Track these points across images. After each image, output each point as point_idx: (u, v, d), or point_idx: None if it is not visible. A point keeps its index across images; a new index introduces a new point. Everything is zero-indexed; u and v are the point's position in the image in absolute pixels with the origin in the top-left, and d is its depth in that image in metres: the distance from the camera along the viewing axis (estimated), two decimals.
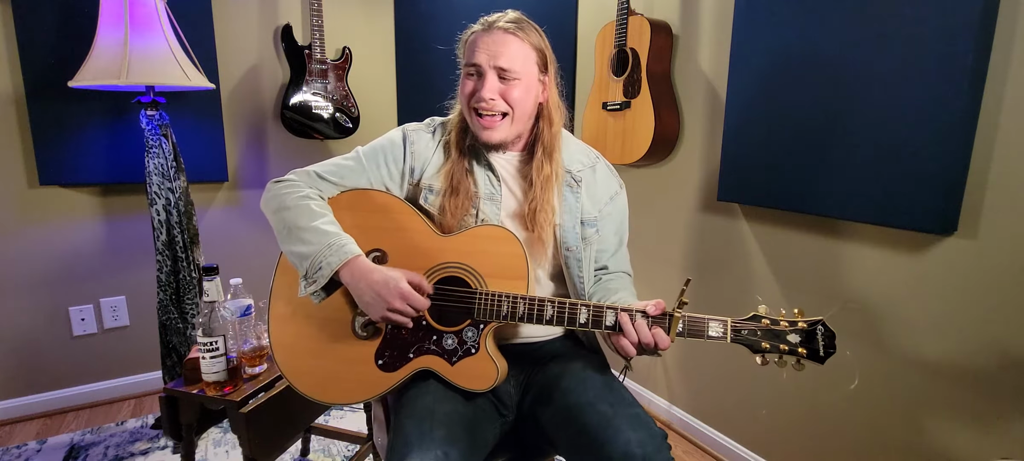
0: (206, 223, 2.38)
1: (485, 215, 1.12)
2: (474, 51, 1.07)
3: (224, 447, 1.98)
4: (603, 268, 1.21)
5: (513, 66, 1.05)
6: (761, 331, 0.97)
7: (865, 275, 1.50)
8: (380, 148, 1.16)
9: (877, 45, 1.35)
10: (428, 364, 1.06)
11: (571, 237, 1.13)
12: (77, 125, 2.06)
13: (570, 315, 1.00)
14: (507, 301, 1.01)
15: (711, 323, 0.98)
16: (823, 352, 0.94)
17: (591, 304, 1.00)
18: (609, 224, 1.19)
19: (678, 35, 2.00)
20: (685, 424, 2.11)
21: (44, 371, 2.21)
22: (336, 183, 1.14)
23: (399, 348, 1.07)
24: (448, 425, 0.96)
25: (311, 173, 1.14)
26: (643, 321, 0.98)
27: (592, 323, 1.00)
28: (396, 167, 1.15)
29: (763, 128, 1.64)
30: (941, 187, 1.27)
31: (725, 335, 0.97)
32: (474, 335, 1.04)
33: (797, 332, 0.95)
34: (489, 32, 1.07)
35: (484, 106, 1.07)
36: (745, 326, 0.97)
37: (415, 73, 2.62)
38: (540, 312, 1.01)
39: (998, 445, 1.28)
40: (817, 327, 0.94)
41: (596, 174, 1.19)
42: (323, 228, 1.05)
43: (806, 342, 0.95)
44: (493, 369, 1.03)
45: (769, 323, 0.96)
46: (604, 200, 1.19)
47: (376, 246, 1.10)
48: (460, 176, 1.11)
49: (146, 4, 1.73)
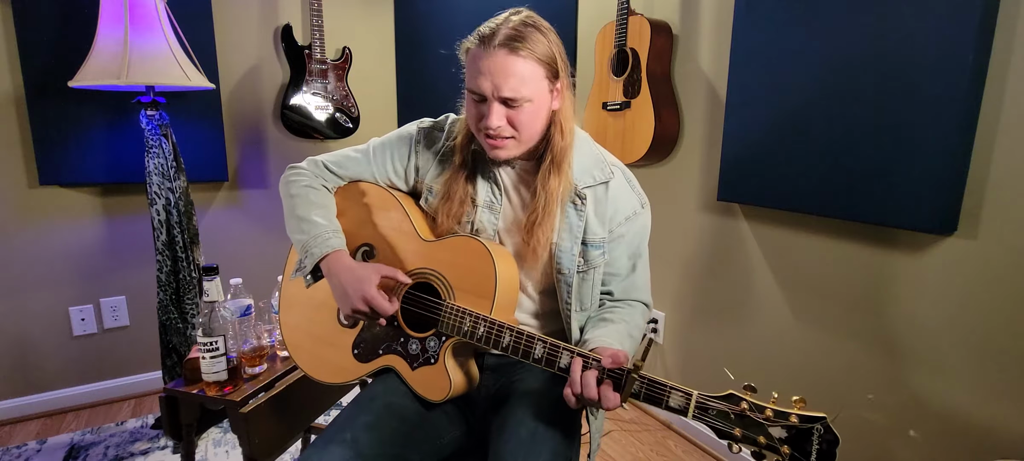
0: (206, 223, 2.38)
1: (481, 224, 1.09)
2: (476, 76, 0.95)
3: (224, 447, 1.98)
4: (608, 293, 1.12)
5: (519, 92, 0.94)
6: (735, 415, 0.78)
7: (865, 275, 1.50)
8: (391, 142, 1.17)
9: (877, 45, 1.35)
10: (392, 363, 1.08)
11: (566, 259, 1.05)
12: (77, 125, 2.06)
13: (525, 349, 0.94)
14: (469, 318, 0.98)
15: (674, 392, 0.82)
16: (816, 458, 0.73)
17: (549, 340, 0.92)
18: (621, 246, 1.08)
19: (678, 35, 2.00)
20: (685, 423, 2.11)
21: (44, 371, 2.21)
22: (340, 174, 1.18)
23: (371, 342, 1.11)
24: (377, 413, 0.99)
25: (319, 163, 1.18)
26: (592, 376, 0.86)
27: (545, 361, 0.92)
28: (401, 163, 1.16)
29: (763, 128, 1.64)
30: (941, 187, 1.27)
31: (687, 410, 0.81)
32: (436, 345, 1.04)
33: (785, 427, 0.75)
34: (489, 53, 0.93)
35: (492, 135, 0.98)
36: (715, 405, 0.80)
37: (415, 73, 2.62)
38: (497, 338, 0.96)
39: (998, 445, 1.28)
40: (815, 427, 0.74)
41: (610, 191, 1.06)
42: (315, 219, 1.09)
43: (795, 441, 0.75)
44: (446, 383, 1.02)
45: (748, 408, 0.78)
46: (619, 220, 1.07)
47: (367, 241, 1.14)
48: (456, 184, 1.08)
49: (146, 4, 1.73)
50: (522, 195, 1.10)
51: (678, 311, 2.12)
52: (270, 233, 2.53)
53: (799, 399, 0.77)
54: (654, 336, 2.22)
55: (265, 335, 1.43)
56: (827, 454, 0.73)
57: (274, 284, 1.51)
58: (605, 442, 2.07)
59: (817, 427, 0.74)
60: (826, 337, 1.61)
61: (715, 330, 1.98)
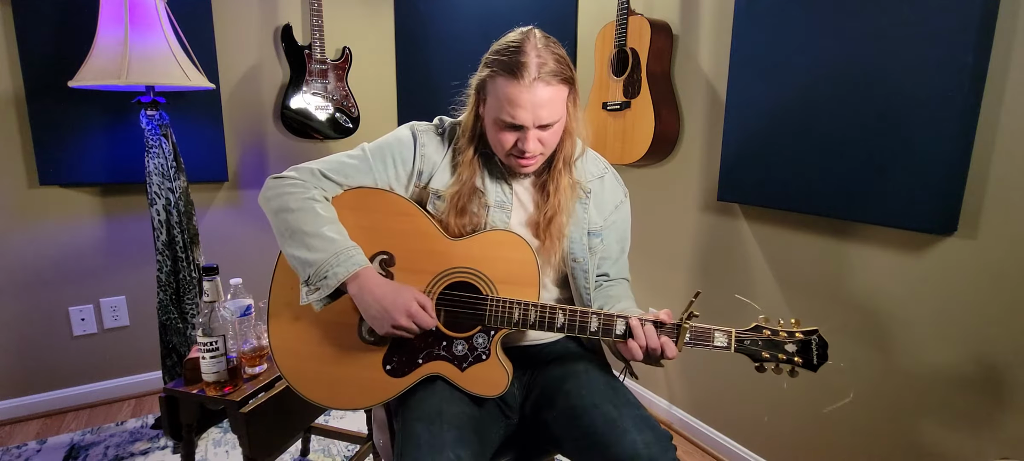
0: (206, 223, 2.38)
1: (494, 223, 1.10)
2: (515, 109, 0.98)
3: (224, 447, 1.98)
4: (604, 275, 1.21)
5: (554, 116, 1.02)
6: (762, 341, 1.00)
7: (865, 275, 1.50)
8: (388, 147, 1.11)
9: (877, 45, 1.35)
10: (438, 370, 1.05)
11: (578, 248, 1.13)
12: (77, 125, 2.06)
13: (582, 323, 1.01)
14: (519, 308, 1.01)
15: (716, 333, 1.01)
16: (816, 360, 0.99)
17: (602, 313, 1.01)
18: (613, 233, 1.20)
19: (678, 35, 2.00)
20: (686, 424, 2.11)
21: (44, 371, 2.21)
22: (340, 182, 1.09)
23: (408, 354, 1.05)
24: (458, 427, 0.96)
25: (315, 171, 1.08)
26: (652, 328, 1.00)
27: (602, 332, 1.01)
28: (404, 168, 1.11)
29: (763, 128, 1.64)
30: (941, 187, 1.27)
31: (729, 345, 1.00)
32: (485, 341, 1.04)
33: (794, 341, 1.00)
34: (527, 87, 0.96)
35: (526, 157, 1.04)
36: (748, 336, 1.01)
37: (415, 73, 2.62)
38: (552, 320, 1.01)
39: (998, 445, 1.28)
40: (813, 337, 0.99)
41: (604, 184, 1.19)
42: (330, 235, 1.01)
43: (801, 351, 0.99)
44: (504, 375, 1.03)
45: (770, 333, 1.00)
46: (609, 209, 1.19)
47: (383, 248, 1.07)
48: (468, 194, 1.08)
49: (146, 4, 1.73)
50: (532, 194, 1.15)
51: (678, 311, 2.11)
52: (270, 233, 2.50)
53: (795, 320, 1.01)
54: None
55: (265, 335, 1.43)
56: (822, 354, 0.99)
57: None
58: None
59: (814, 338, 0.99)
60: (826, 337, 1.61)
61: None
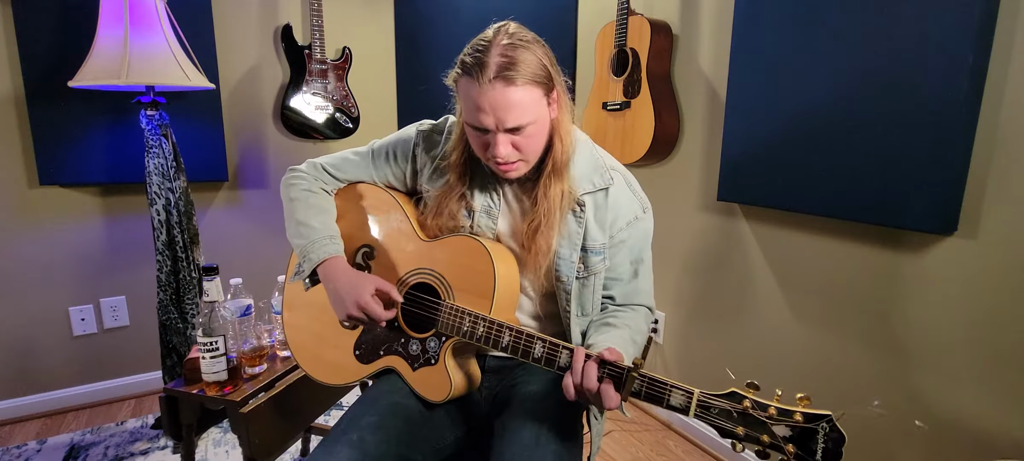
0: (206, 223, 2.38)
1: (479, 229, 1.09)
2: (475, 112, 0.92)
3: (224, 447, 1.98)
4: (609, 298, 1.10)
5: (523, 120, 0.92)
6: (738, 414, 0.77)
7: (865, 275, 1.50)
8: (391, 145, 1.16)
9: (877, 45, 1.35)
10: (393, 364, 1.09)
11: (565, 267, 1.04)
12: (77, 125, 2.06)
13: (525, 348, 0.93)
14: (468, 319, 0.98)
15: (675, 391, 0.81)
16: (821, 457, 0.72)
17: (549, 339, 0.92)
18: (623, 251, 1.08)
19: (678, 35, 2.00)
20: (685, 423, 2.11)
21: (44, 371, 2.21)
22: (338, 177, 1.18)
23: (373, 343, 1.12)
24: (382, 414, 0.99)
25: (318, 165, 1.18)
26: (594, 367, 0.86)
27: (545, 360, 0.92)
28: (400, 167, 1.16)
29: (763, 128, 1.64)
30: (941, 187, 1.27)
31: (688, 409, 0.80)
32: (436, 345, 1.04)
33: (790, 426, 0.74)
34: (484, 88, 0.90)
35: (501, 164, 0.97)
36: (718, 403, 0.79)
37: (415, 73, 2.62)
38: (496, 338, 0.95)
39: (998, 445, 1.28)
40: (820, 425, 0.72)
41: (610, 197, 1.05)
42: (312, 223, 1.10)
43: (799, 440, 0.73)
44: (447, 383, 1.02)
45: (751, 406, 0.76)
46: (619, 225, 1.06)
47: (367, 242, 1.15)
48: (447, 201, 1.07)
49: (146, 4, 1.73)
50: (522, 202, 1.08)
51: (678, 311, 2.12)
52: (270, 233, 2.53)
53: (804, 397, 0.74)
54: (654, 335, 2.22)
55: (265, 335, 1.43)
56: (833, 453, 0.71)
57: (274, 284, 1.51)
58: (605, 442, 2.07)
59: (822, 425, 0.72)
60: (826, 337, 1.61)
61: (715, 330, 1.98)
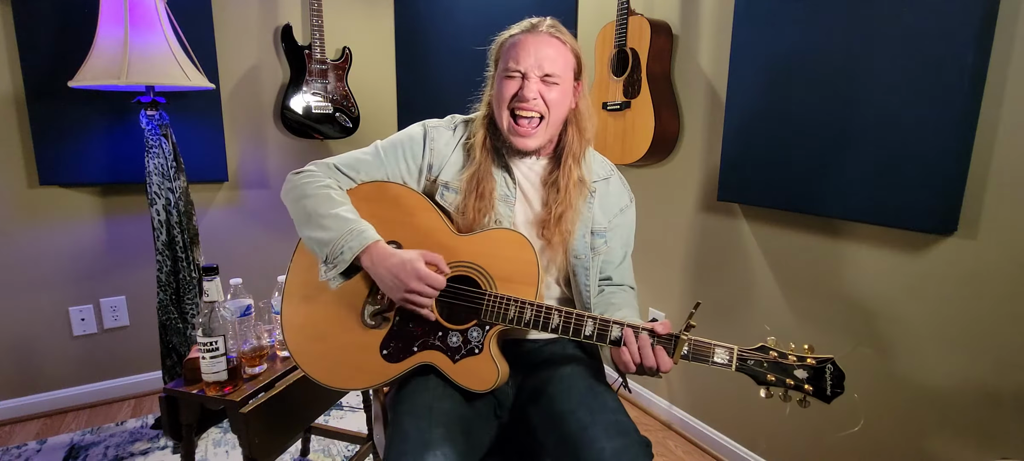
0: (206, 223, 2.38)
1: (499, 216, 1.12)
2: (519, 54, 1.07)
3: (224, 447, 1.98)
4: (607, 279, 1.21)
5: (556, 70, 1.07)
6: (768, 363, 0.93)
7: (865, 275, 1.50)
8: (399, 142, 1.18)
9: (877, 45, 1.35)
10: (431, 359, 1.06)
11: (581, 245, 1.14)
12: (77, 125, 2.06)
13: (576, 326, 1.00)
14: (515, 305, 1.02)
15: (717, 349, 0.94)
16: (830, 391, 0.91)
17: (598, 317, 0.99)
18: (617, 236, 1.20)
19: (678, 35, 2.00)
20: (685, 424, 2.11)
21: (44, 371, 2.21)
22: (352, 177, 1.16)
23: (404, 340, 1.08)
24: (446, 424, 0.96)
25: (330, 165, 1.16)
26: (647, 339, 0.96)
27: (597, 336, 0.99)
28: (414, 162, 1.17)
29: (763, 128, 1.64)
30: (941, 187, 1.27)
31: (730, 363, 0.94)
32: (479, 335, 1.05)
33: (805, 368, 0.92)
34: (535, 35, 1.08)
35: (526, 107, 1.08)
36: (752, 356, 0.94)
37: (415, 73, 2.62)
38: (546, 320, 1.01)
39: (998, 445, 1.28)
40: (826, 365, 0.91)
41: (610, 186, 1.21)
42: (343, 215, 1.07)
43: (813, 380, 0.91)
44: (494, 371, 1.03)
45: (777, 356, 0.93)
46: (615, 211, 1.20)
47: (393, 238, 1.12)
48: (485, 179, 1.12)
49: (146, 4, 1.73)
50: (540, 192, 1.17)
51: (678, 311, 2.12)
52: (270, 233, 2.53)
53: (808, 346, 0.93)
54: None
55: (265, 335, 1.43)
56: (837, 386, 0.90)
57: (274, 284, 1.51)
58: None
59: (828, 366, 0.91)
60: (826, 337, 1.61)
61: (715, 330, 1.98)
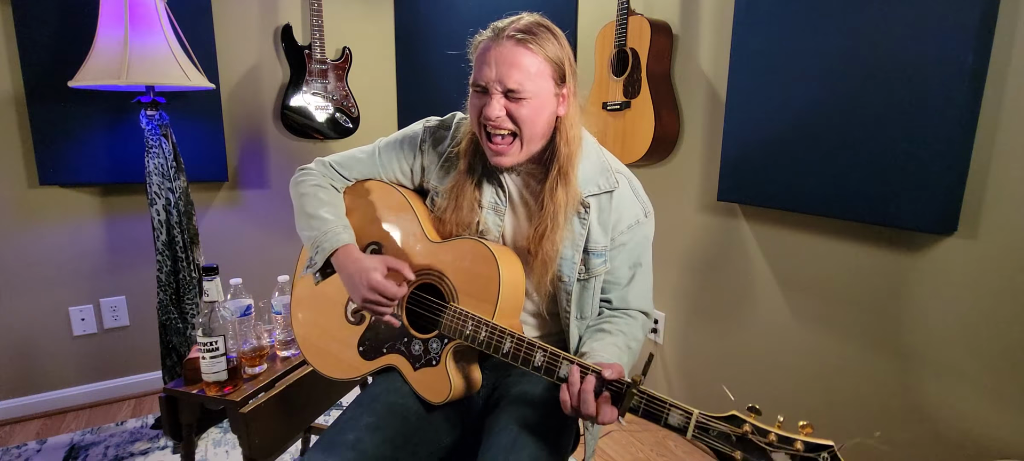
0: (206, 223, 2.38)
1: (486, 226, 1.09)
2: (481, 66, 0.97)
3: (224, 447, 1.98)
4: (606, 301, 1.11)
5: (522, 86, 0.94)
6: (737, 438, 0.74)
7: (865, 275, 1.50)
8: (397, 143, 1.18)
9: (877, 45, 1.35)
10: (395, 362, 1.09)
11: (567, 267, 1.04)
12: (77, 125, 2.06)
13: (525, 356, 0.93)
14: (471, 322, 0.98)
15: (673, 410, 0.78)
16: None
17: (549, 349, 0.91)
18: (622, 255, 1.08)
19: (678, 35, 2.00)
20: None
21: (44, 371, 2.21)
22: (345, 175, 1.20)
23: (376, 340, 1.12)
24: (380, 414, 1.00)
25: (327, 163, 1.20)
26: (592, 384, 0.85)
27: (545, 370, 0.91)
28: (406, 164, 1.18)
29: (763, 128, 1.64)
30: (941, 187, 1.27)
31: (687, 429, 0.77)
32: (438, 347, 1.04)
33: (790, 454, 0.70)
34: (498, 43, 0.95)
35: (491, 125, 0.97)
36: (716, 425, 0.75)
37: (415, 73, 2.62)
38: (498, 344, 0.95)
39: (998, 445, 1.28)
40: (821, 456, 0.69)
41: (614, 199, 1.05)
42: (324, 215, 1.11)
43: None
44: (446, 386, 1.02)
45: (751, 431, 0.73)
46: (621, 228, 1.06)
47: (374, 239, 1.16)
48: (463, 190, 1.07)
49: (146, 4, 1.73)
50: (528, 203, 1.09)
51: (678, 311, 2.12)
52: (270, 233, 2.53)
53: (806, 425, 0.72)
54: (654, 336, 2.22)
55: (265, 335, 1.43)
56: None
57: (274, 284, 1.51)
58: (605, 442, 2.07)
59: (823, 456, 0.69)
60: (826, 337, 1.61)
61: (715, 330, 1.98)
